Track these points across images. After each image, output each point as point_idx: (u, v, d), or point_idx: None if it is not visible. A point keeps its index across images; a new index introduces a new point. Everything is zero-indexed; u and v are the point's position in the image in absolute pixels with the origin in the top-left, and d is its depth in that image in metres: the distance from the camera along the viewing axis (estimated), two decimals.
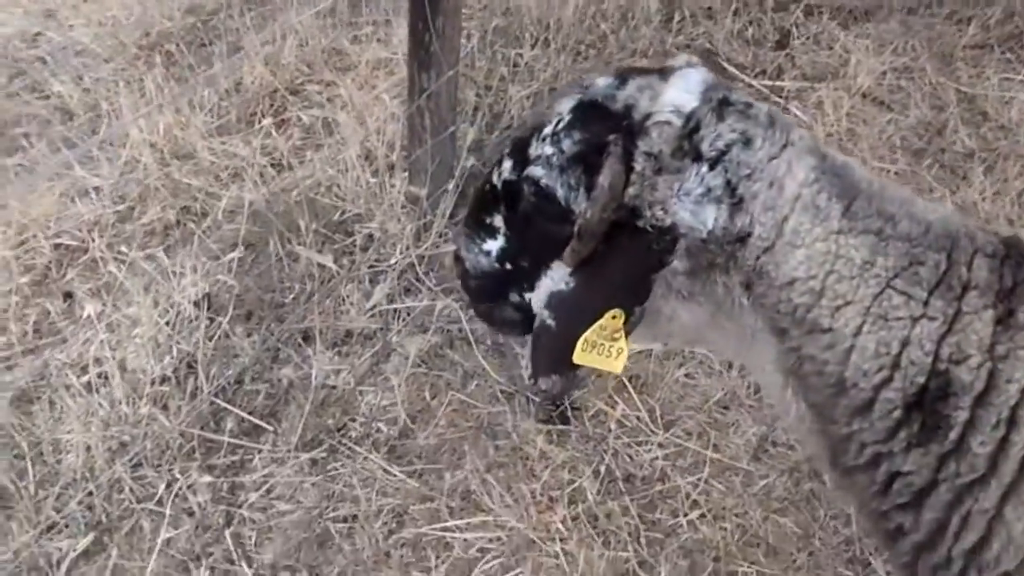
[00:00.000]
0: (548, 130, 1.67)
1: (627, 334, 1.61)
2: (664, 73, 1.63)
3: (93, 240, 3.95)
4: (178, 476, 3.17)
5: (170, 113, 4.44)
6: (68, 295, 3.79)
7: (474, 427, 3.37)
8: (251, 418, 3.36)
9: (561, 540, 3.05)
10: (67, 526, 3.03)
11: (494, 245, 1.84)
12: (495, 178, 1.79)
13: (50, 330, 3.64)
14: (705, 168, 1.53)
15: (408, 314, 3.71)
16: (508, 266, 1.84)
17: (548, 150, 1.66)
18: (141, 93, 4.56)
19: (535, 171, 1.67)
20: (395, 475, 3.22)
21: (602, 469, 3.25)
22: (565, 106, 1.67)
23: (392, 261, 3.83)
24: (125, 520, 3.08)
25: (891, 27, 5.31)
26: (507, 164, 1.76)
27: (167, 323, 3.54)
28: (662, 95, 1.58)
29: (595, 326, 1.60)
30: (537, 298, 1.81)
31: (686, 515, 3.14)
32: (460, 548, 3.05)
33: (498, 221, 1.81)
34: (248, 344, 3.54)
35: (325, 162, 4.19)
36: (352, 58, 4.86)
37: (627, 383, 3.50)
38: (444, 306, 3.71)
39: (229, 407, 3.37)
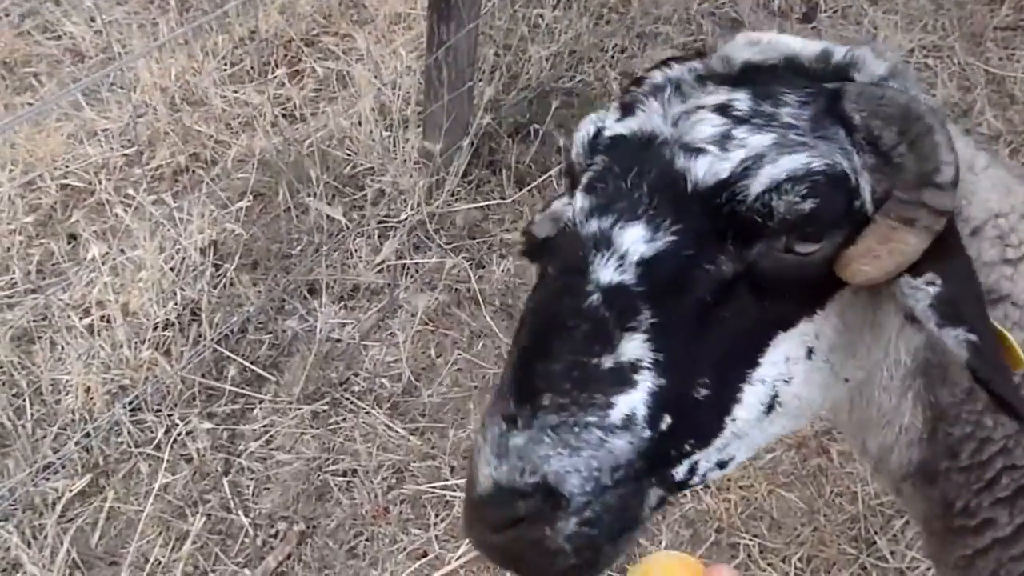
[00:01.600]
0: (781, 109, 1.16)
1: None
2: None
3: (100, 182, 3.89)
4: (178, 422, 3.13)
5: (183, 58, 4.37)
6: (73, 236, 3.74)
7: (479, 387, 3.32)
8: (254, 368, 3.32)
9: None
10: (63, 467, 3.00)
11: (635, 397, 1.09)
12: (619, 268, 1.12)
13: (53, 271, 3.59)
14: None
15: (417, 271, 3.66)
16: (671, 416, 1.11)
17: (805, 128, 1.15)
18: (154, 37, 4.48)
19: (810, 162, 1.13)
20: (397, 431, 3.18)
21: None
22: (790, 95, 1.19)
23: (403, 217, 3.77)
24: (122, 463, 3.05)
25: (921, 4, 5.19)
26: (654, 230, 1.13)
27: (172, 269, 3.49)
28: (864, 59, 1.26)
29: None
30: (758, 399, 1.19)
31: None
32: (459, 507, 3.01)
33: (633, 347, 1.10)
34: (253, 294, 3.49)
35: (338, 114, 4.12)
36: (370, 11, 4.76)
37: None
38: (453, 264, 3.65)
39: (232, 355, 3.33)
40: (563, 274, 1.16)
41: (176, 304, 3.40)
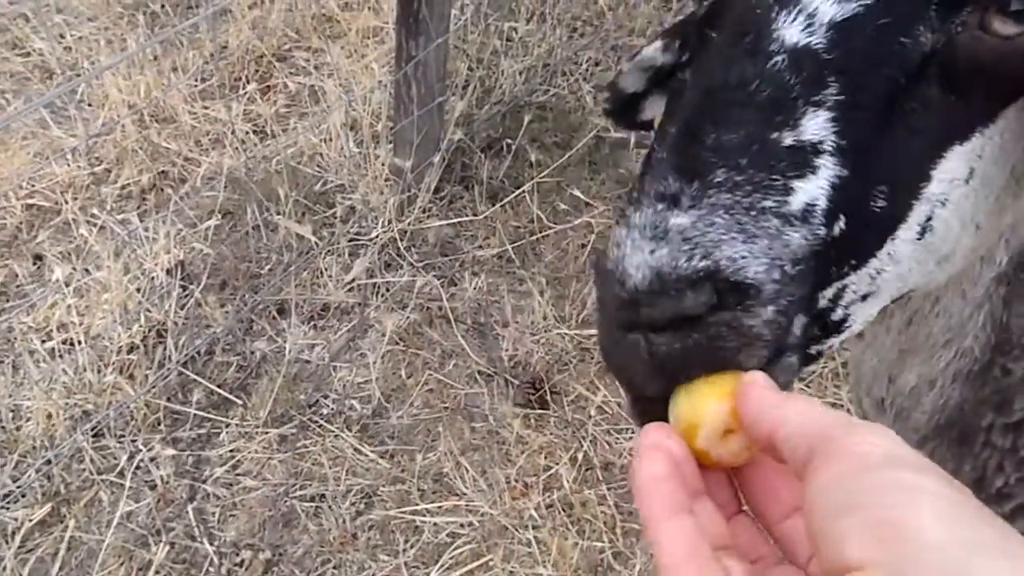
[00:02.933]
0: None
1: None
2: None
3: (66, 202, 3.83)
4: (141, 448, 3.07)
5: (151, 74, 4.31)
6: (38, 257, 3.68)
7: (450, 408, 3.27)
8: (220, 391, 3.26)
9: (534, 528, 2.95)
10: (24, 495, 2.93)
11: (815, 186, 0.90)
12: (807, 29, 0.91)
13: (17, 292, 3.53)
14: None
15: (387, 289, 3.60)
16: (845, 220, 0.92)
17: None
18: (123, 52, 4.42)
19: None
20: (366, 455, 3.12)
21: (580, 456, 3.15)
22: None
23: (373, 234, 3.72)
24: (84, 491, 2.98)
25: None
26: None
27: (138, 290, 3.43)
28: None
29: None
30: (917, 220, 0.98)
31: None
32: (430, 532, 2.95)
33: (816, 126, 0.90)
34: (221, 314, 3.43)
35: (309, 130, 4.07)
36: (342, 25, 4.72)
37: None
38: (425, 282, 3.60)
39: (198, 379, 3.27)
40: (736, 35, 0.93)
41: (141, 326, 3.33)
